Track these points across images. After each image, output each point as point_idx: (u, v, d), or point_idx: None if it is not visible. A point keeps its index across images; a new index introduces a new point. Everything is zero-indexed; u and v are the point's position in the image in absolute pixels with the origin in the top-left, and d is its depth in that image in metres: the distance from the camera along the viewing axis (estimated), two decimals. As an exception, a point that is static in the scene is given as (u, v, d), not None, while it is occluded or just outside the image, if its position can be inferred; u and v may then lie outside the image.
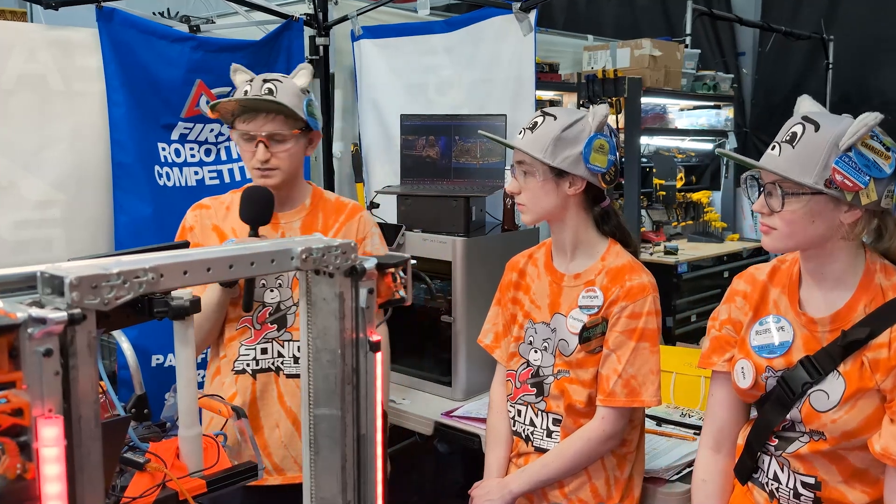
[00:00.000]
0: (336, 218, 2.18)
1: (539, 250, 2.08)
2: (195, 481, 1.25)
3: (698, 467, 1.77)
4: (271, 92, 2.01)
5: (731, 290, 1.74)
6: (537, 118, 1.90)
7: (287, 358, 2.10)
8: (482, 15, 3.21)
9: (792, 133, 1.50)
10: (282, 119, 2.01)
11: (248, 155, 2.03)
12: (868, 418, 1.47)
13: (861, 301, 1.51)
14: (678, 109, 6.11)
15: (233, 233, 2.10)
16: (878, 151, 1.45)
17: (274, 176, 2.03)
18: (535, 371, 1.98)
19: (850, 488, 1.52)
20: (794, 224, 1.49)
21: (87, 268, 0.81)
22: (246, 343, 2.09)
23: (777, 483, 1.60)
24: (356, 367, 1.09)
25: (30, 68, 2.72)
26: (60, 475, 0.77)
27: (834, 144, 1.44)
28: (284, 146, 2.03)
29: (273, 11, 3.41)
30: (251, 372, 2.09)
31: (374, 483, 1.11)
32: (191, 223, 2.13)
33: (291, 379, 2.10)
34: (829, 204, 1.47)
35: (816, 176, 1.44)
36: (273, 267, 0.99)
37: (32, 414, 0.75)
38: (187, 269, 0.89)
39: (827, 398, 1.50)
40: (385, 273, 1.11)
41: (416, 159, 3.13)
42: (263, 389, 2.09)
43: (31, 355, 0.75)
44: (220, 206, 2.15)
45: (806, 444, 1.55)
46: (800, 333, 1.58)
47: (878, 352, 1.47)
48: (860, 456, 1.50)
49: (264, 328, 2.09)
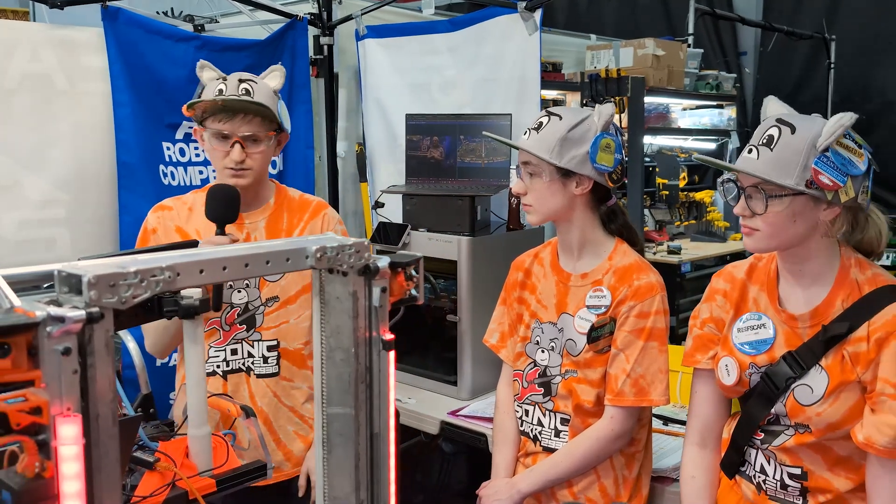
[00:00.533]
0: (300, 216, 2.15)
1: (545, 250, 2.08)
2: (205, 480, 1.24)
3: (685, 464, 1.81)
4: (248, 93, 1.98)
5: (711, 288, 1.78)
6: (542, 118, 1.90)
7: (257, 358, 2.07)
8: (487, 14, 3.21)
9: (768, 136, 1.53)
10: (259, 121, 1.99)
11: (219, 154, 1.99)
12: (851, 409, 1.53)
13: (839, 296, 1.56)
14: (681, 109, 6.11)
15: (196, 234, 2.05)
16: (852, 150, 1.50)
17: (246, 176, 2.00)
18: (542, 371, 1.98)
19: (835, 476, 1.58)
20: (777, 225, 1.53)
21: (105, 266, 0.80)
22: (215, 345, 2.06)
23: (764, 475, 1.65)
24: (369, 366, 1.08)
25: (34, 68, 2.72)
26: (79, 473, 0.77)
27: (812, 145, 1.49)
28: (259, 147, 2.01)
29: (277, 11, 3.41)
30: (221, 373, 2.07)
31: (388, 482, 1.11)
32: (153, 225, 2.08)
33: (262, 379, 2.08)
34: (809, 203, 1.51)
35: (797, 177, 1.49)
36: (288, 265, 0.99)
37: (51, 412, 0.75)
38: (203, 267, 0.88)
39: (811, 392, 1.55)
40: (398, 272, 1.11)
41: (421, 159, 3.13)
42: (235, 390, 2.06)
43: (50, 354, 0.75)
44: (182, 206, 2.11)
45: (791, 438, 1.60)
46: (781, 330, 1.62)
47: (857, 345, 1.52)
48: (844, 445, 1.56)
49: (233, 329, 2.06)
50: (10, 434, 0.76)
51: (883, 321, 1.49)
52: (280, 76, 2.10)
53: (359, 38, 3.57)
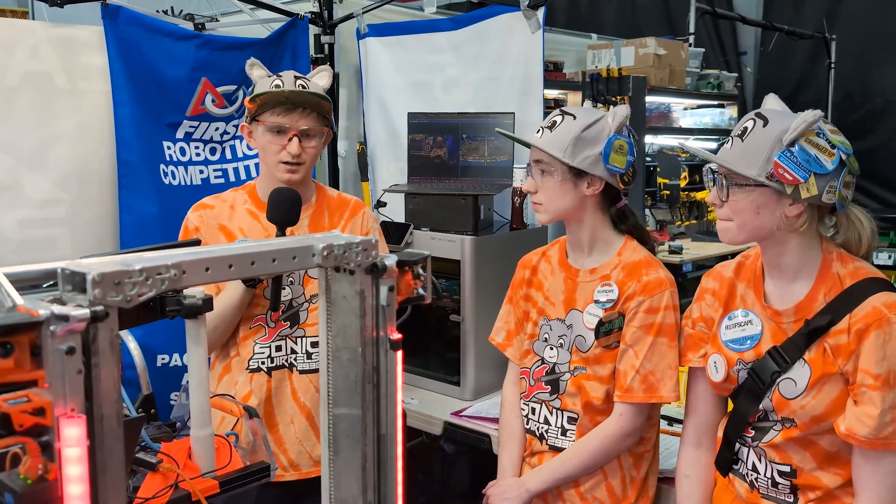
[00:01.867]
0: (341, 214, 2.18)
1: (552, 248, 2.07)
2: (208, 482, 1.23)
3: (681, 463, 1.83)
4: (304, 89, 2.04)
5: (701, 288, 1.82)
6: (556, 117, 1.88)
7: (300, 354, 2.10)
8: (489, 13, 3.19)
9: (743, 128, 1.58)
10: (315, 115, 2.04)
11: (275, 148, 2.03)
12: (834, 402, 1.54)
13: (821, 290, 1.58)
14: (682, 108, 6.10)
15: (241, 232, 2.09)
16: (821, 148, 1.51)
17: (300, 171, 2.06)
18: (550, 368, 1.97)
19: (824, 472, 1.59)
20: (741, 215, 1.58)
21: (109, 264, 0.79)
22: (260, 341, 2.09)
23: (756, 473, 1.67)
24: (377, 366, 1.07)
25: (34, 66, 2.70)
26: (83, 476, 0.75)
27: (777, 140, 1.52)
28: (312, 142, 2.06)
29: (278, 9, 3.39)
30: (266, 370, 2.09)
31: (395, 483, 1.09)
32: (195, 224, 2.11)
33: (304, 375, 2.11)
34: (772, 197, 1.54)
35: (759, 169, 1.53)
36: (295, 264, 0.97)
37: (54, 413, 0.74)
38: (210, 265, 0.87)
39: (795, 385, 1.57)
40: (405, 270, 1.09)
41: (423, 158, 3.11)
42: (278, 386, 2.09)
43: (54, 353, 0.73)
44: (223, 205, 2.14)
45: (779, 433, 1.61)
46: (767, 326, 1.64)
47: (838, 338, 1.53)
48: (830, 440, 1.57)
49: (278, 326, 2.09)
50: (12, 436, 0.74)
51: (863, 313, 1.51)
52: (328, 76, 2.17)
53: (360, 36, 3.56)
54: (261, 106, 2.03)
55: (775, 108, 1.62)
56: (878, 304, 1.50)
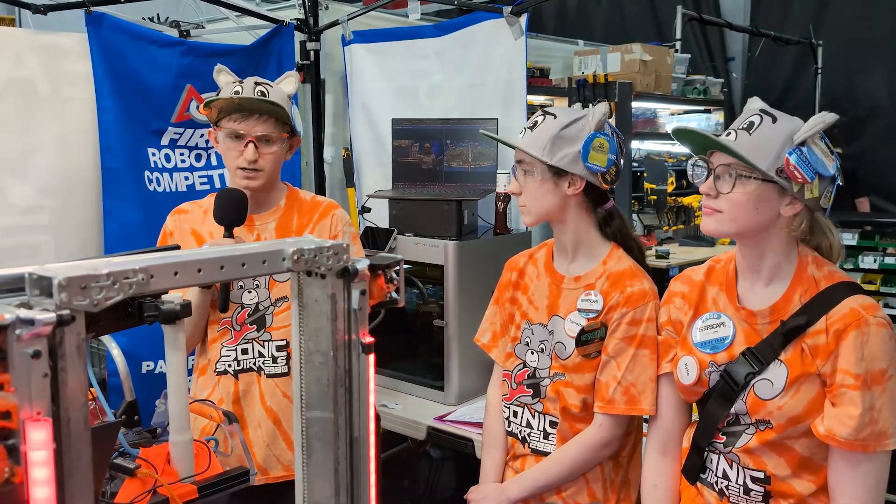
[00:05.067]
0: (310, 217, 2.18)
1: (540, 251, 2.06)
2: (186, 487, 1.23)
3: (647, 472, 1.82)
4: (264, 94, 2.04)
5: (669, 292, 1.80)
6: (538, 117, 1.89)
7: (267, 358, 2.10)
8: (473, 19, 3.21)
9: (749, 122, 1.57)
10: (273, 122, 2.04)
11: (234, 154, 2.04)
12: (811, 402, 1.53)
13: (796, 291, 1.58)
14: (668, 114, 6.12)
15: (210, 236, 2.10)
16: (824, 152, 1.53)
17: (258, 177, 2.05)
18: (531, 372, 1.97)
19: (798, 479, 1.58)
20: (740, 208, 1.56)
21: (76, 268, 0.80)
22: (227, 344, 2.10)
23: (727, 481, 1.65)
24: (349, 369, 1.08)
25: (18, 73, 2.70)
26: (49, 479, 0.75)
27: (789, 137, 1.53)
28: (272, 148, 2.05)
29: (263, 16, 3.40)
30: (233, 373, 2.10)
31: (368, 486, 1.10)
32: (170, 228, 2.15)
33: (272, 378, 2.11)
34: (774, 193, 1.54)
35: (769, 163, 1.52)
36: (264, 268, 0.98)
37: (20, 417, 0.74)
38: (178, 269, 0.88)
39: (771, 386, 1.56)
40: (377, 274, 1.10)
41: (407, 163, 3.12)
42: (246, 390, 2.10)
43: (19, 357, 0.74)
44: (198, 209, 2.16)
45: (753, 436, 1.59)
46: (740, 328, 1.63)
47: (816, 338, 1.53)
48: (805, 443, 1.56)
49: (244, 329, 2.09)
50: (-22, 439, 0.75)
51: (841, 314, 1.51)
52: (294, 82, 2.17)
53: (345, 43, 3.57)
54: (219, 112, 2.04)
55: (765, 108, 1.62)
56: (856, 305, 1.51)
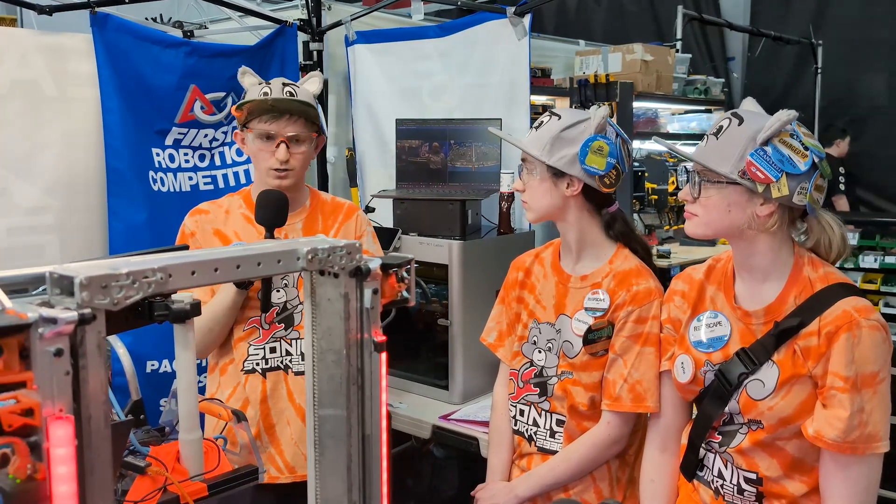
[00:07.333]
0: (335, 218, 2.21)
1: (546, 250, 2.08)
2: (196, 485, 1.24)
3: (645, 468, 1.84)
4: (292, 95, 2.07)
5: (670, 290, 1.82)
6: (544, 117, 1.91)
7: (295, 356, 2.12)
8: (476, 20, 3.22)
9: (719, 126, 1.60)
10: (302, 122, 2.07)
11: (265, 155, 2.06)
12: (802, 404, 1.54)
13: (791, 293, 1.59)
14: (669, 114, 6.13)
15: (235, 236, 2.12)
16: (794, 149, 1.52)
17: (289, 177, 2.08)
18: (538, 371, 1.98)
19: (790, 480, 1.59)
20: (711, 211, 1.59)
21: (97, 268, 0.81)
22: (255, 343, 2.11)
23: (722, 480, 1.66)
24: (361, 368, 1.09)
25: (23, 74, 2.71)
26: (71, 475, 0.76)
27: (751, 138, 1.54)
28: (301, 148, 2.09)
29: (266, 17, 3.41)
30: (261, 371, 2.11)
31: (380, 483, 1.11)
32: (191, 229, 2.14)
33: (300, 376, 2.12)
34: (744, 195, 1.56)
35: (732, 166, 1.54)
36: (279, 267, 0.99)
37: (43, 414, 0.75)
38: (195, 269, 0.89)
39: (763, 386, 1.57)
40: (389, 273, 1.11)
41: (411, 163, 3.13)
42: (274, 388, 2.11)
43: (42, 355, 0.75)
44: (218, 210, 2.17)
45: (746, 436, 1.61)
46: (736, 327, 1.65)
47: (808, 340, 1.54)
48: (797, 445, 1.57)
49: (272, 328, 2.11)
50: (1, 436, 0.76)
51: (833, 316, 1.51)
52: (318, 81, 2.19)
53: (348, 43, 3.58)
54: (249, 114, 2.06)
55: (751, 110, 1.64)
56: (849, 307, 1.51)
